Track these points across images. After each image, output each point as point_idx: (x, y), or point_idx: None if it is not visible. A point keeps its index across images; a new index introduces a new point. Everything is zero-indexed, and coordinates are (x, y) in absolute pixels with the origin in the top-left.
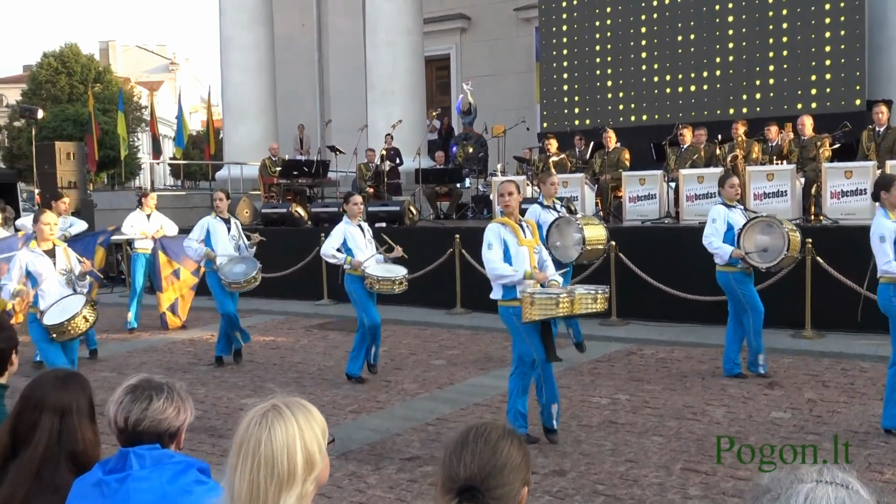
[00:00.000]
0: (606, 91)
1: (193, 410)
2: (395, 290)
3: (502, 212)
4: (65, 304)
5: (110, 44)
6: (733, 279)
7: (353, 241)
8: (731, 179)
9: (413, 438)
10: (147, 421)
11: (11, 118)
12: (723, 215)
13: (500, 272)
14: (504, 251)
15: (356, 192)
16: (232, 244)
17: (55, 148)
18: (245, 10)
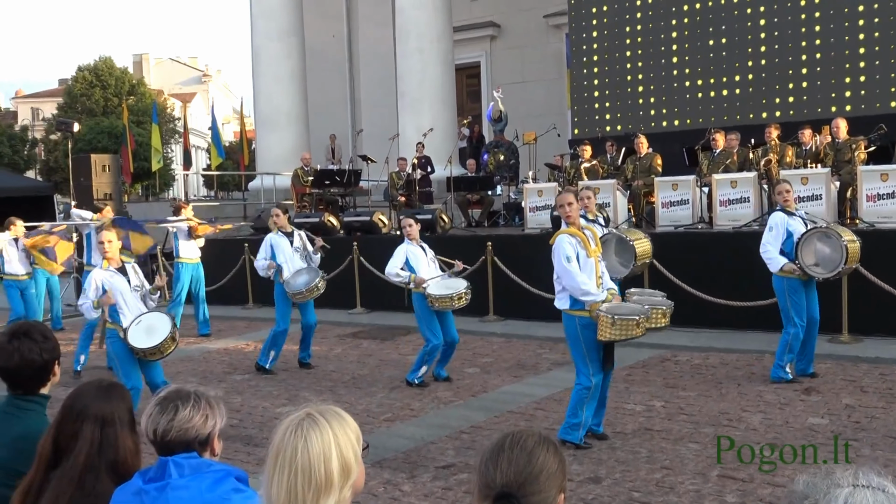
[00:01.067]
0: (637, 96)
1: (224, 417)
2: (455, 305)
3: (566, 223)
4: (148, 323)
5: (144, 57)
6: (787, 286)
7: (416, 260)
8: (780, 186)
9: (447, 446)
10: (174, 431)
11: (48, 131)
12: (781, 223)
13: (587, 290)
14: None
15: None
16: (297, 255)
17: (91, 160)
18: (276, 22)
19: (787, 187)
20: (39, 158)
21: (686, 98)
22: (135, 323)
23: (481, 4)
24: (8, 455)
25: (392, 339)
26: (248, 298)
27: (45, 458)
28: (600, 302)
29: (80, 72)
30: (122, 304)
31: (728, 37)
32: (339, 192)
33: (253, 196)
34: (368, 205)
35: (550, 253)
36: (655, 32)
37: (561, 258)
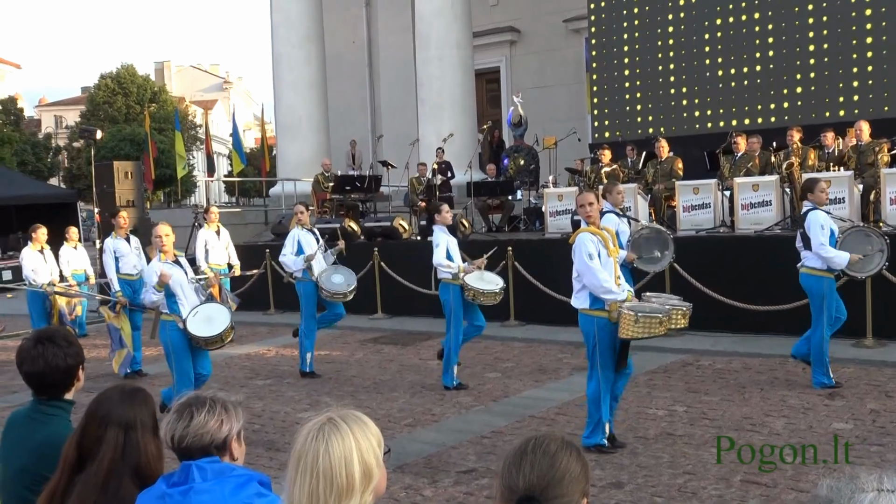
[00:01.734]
0: (658, 100)
1: (241, 420)
2: (495, 301)
3: (585, 222)
4: (206, 314)
5: (165, 64)
6: (827, 287)
7: (454, 249)
8: (822, 183)
9: (469, 451)
10: (189, 437)
11: (71, 139)
12: (826, 221)
13: (608, 287)
14: None
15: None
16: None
17: (113, 167)
18: (296, 29)
19: (825, 186)
20: (63, 166)
21: (707, 101)
22: (192, 314)
23: (501, 10)
24: (33, 460)
25: (413, 344)
26: (270, 304)
27: (70, 462)
28: (620, 301)
29: (102, 79)
30: (181, 294)
31: (748, 40)
32: (359, 197)
33: (274, 202)
34: (389, 210)
35: (571, 252)
36: (675, 36)
37: (583, 255)
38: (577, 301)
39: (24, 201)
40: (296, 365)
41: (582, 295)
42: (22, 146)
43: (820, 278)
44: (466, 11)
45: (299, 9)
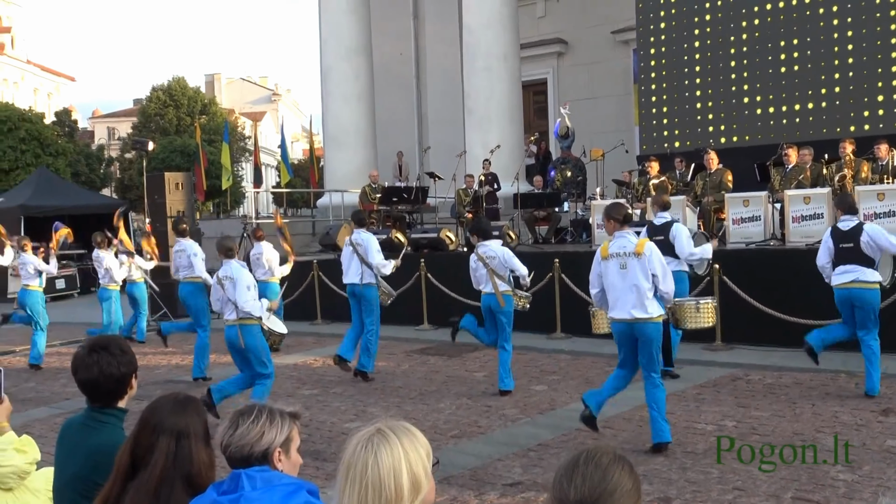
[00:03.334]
0: (707, 111)
1: (286, 432)
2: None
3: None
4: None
5: (215, 76)
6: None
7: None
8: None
9: (514, 464)
10: (233, 446)
11: (123, 150)
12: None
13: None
14: None
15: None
16: None
17: (164, 178)
18: (344, 41)
19: None
20: (115, 176)
21: (757, 113)
22: (266, 317)
23: (549, 21)
24: (86, 467)
25: (459, 355)
26: (317, 315)
27: (123, 470)
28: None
29: (154, 92)
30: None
31: (800, 51)
32: (406, 208)
33: (322, 213)
34: (435, 221)
35: (642, 260)
36: (725, 47)
37: (662, 259)
38: (652, 308)
39: (77, 211)
40: (343, 375)
41: (654, 302)
42: (76, 157)
43: (876, 291)
44: (514, 23)
45: (348, 22)
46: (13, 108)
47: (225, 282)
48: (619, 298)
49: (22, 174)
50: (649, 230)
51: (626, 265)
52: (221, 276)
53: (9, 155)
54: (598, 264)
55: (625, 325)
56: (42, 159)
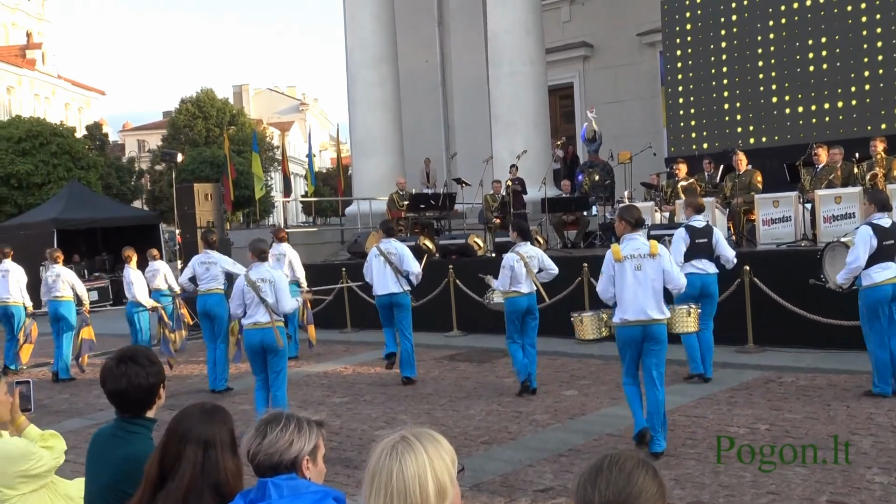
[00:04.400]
0: (735, 112)
1: (314, 440)
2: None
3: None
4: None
5: (243, 87)
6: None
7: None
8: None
9: (545, 470)
10: (261, 454)
11: (153, 162)
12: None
13: None
14: None
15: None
16: None
17: (194, 189)
18: (370, 50)
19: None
20: (145, 188)
21: (786, 113)
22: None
23: (574, 25)
24: (116, 476)
25: (489, 361)
26: (347, 323)
27: (152, 479)
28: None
29: (183, 104)
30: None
31: (829, 50)
32: (434, 215)
33: (350, 221)
34: (463, 227)
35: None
36: (752, 46)
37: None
38: (665, 310)
39: (109, 223)
40: (373, 382)
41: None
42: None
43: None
44: (539, 28)
45: (373, 30)
46: (45, 122)
47: (262, 284)
48: (635, 300)
49: (54, 188)
50: (690, 233)
51: (641, 267)
52: (255, 278)
53: (41, 169)
54: (611, 267)
55: (639, 327)
56: (73, 173)
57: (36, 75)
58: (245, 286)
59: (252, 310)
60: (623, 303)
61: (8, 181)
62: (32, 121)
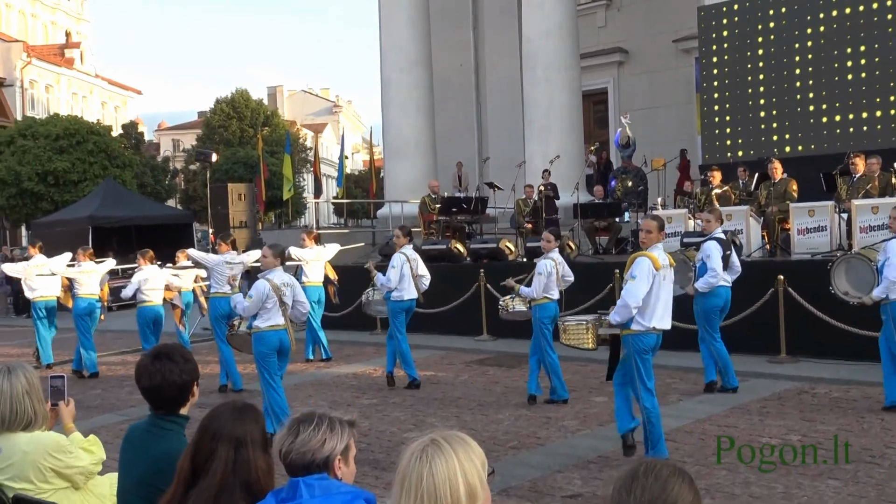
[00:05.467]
0: (771, 120)
1: (346, 440)
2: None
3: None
4: None
5: (278, 89)
6: None
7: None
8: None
9: (574, 476)
10: (293, 453)
11: (187, 162)
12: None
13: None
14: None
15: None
16: None
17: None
18: (405, 53)
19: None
20: (179, 188)
21: (822, 121)
22: None
23: (609, 30)
24: (149, 473)
25: (518, 366)
26: (377, 324)
27: (184, 476)
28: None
29: (218, 104)
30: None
31: (868, 58)
32: (465, 219)
33: (381, 223)
34: (495, 232)
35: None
36: (788, 54)
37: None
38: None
39: (143, 222)
40: (402, 384)
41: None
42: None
43: None
44: (574, 33)
45: (408, 34)
46: (81, 121)
47: (285, 289)
48: (666, 310)
49: (90, 185)
50: (723, 244)
51: (666, 277)
52: (279, 282)
53: (77, 167)
54: (651, 276)
55: (660, 336)
56: (109, 171)
57: (74, 74)
58: (269, 290)
59: (270, 312)
60: (655, 311)
61: (45, 178)
62: (70, 119)
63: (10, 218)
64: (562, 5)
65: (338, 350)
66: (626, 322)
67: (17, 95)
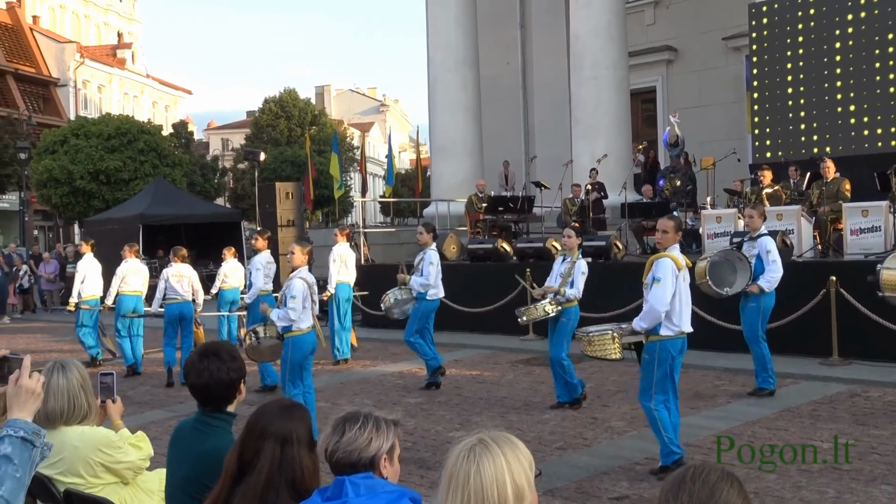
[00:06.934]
0: (824, 118)
1: (391, 439)
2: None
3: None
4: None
5: (325, 88)
6: None
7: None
8: None
9: (621, 478)
10: (340, 451)
11: (236, 161)
12: None
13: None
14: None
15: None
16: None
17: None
18: (452, 53)
19: None
20: (228, 186)
21: (877, 119)
22: None
23: (658, 28)
24: (196, 469)
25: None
26: None
27: (231, 473)
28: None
29: (266, 104)
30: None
31: None
32: (512, 218)
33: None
34: (541, 231)
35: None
36: (843, 52)
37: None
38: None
39: (192, 220)
40: (447, 384)
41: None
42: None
43: None
44: (622, 31)
45: (455, 33)
46: (133, 120)
47: (315, 288)
48: (688, 312)
49: (140, 184)
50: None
51: (686, 278)
52: (311, 282)
53: (128, 165)
54: (675, 278)
55: (686, 339)
56: (159, 170)
57: (126, 74)
58: (307, 289)
59: (306, 313)
60: (682, 314)
61: (97, 177)
62: (121, 119)
63: (64, 216)
64: (610, 4)
65: (383, 349)
66: (653, 328)
67: (71, 95)
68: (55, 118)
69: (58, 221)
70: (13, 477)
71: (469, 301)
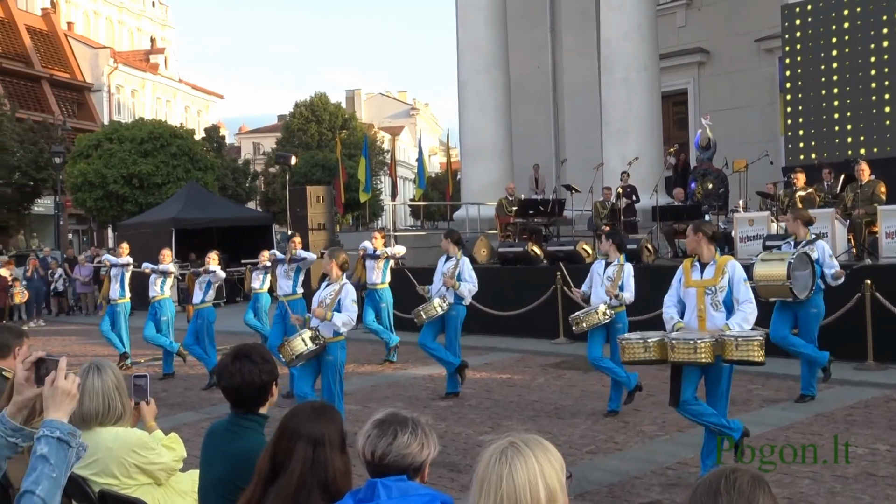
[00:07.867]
0: (858, 120)
1: (437, 446)
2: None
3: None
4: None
5: (356, 92)
6: None
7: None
8: None
9: (653, 482)
10: (392, 455)
11: (267, 164)
12: None
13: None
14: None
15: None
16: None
17: (306, 192)
18: (481, 55)
19: None
20: (259, 190)
21: None
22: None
23: (689, 30)
24: (229, 470)
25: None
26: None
27: (263, 475)
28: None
29: (297, 108)
30: None
31: None
32: (542, 221)
33: (458, 225)
34: (572, 234)
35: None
36: (878, 53)
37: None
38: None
39: (224, 223)
40: (478, 387)
41: None
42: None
43: None
44: (653, 33)
45: (485, 36)
46: (166, 125)
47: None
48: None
49: (173, 188)
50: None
51: None
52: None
53: (161, 169)
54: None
55: None
56: (192, 174)
57: (159, 79)
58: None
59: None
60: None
61: (130, 181)
62: (154, 123)
63: (98, 219)
64: (641, 6)
65: (414, 352)
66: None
67: (104, 100)
68: (89, 123)
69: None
70: (49, 477)
71: (499, 304)
